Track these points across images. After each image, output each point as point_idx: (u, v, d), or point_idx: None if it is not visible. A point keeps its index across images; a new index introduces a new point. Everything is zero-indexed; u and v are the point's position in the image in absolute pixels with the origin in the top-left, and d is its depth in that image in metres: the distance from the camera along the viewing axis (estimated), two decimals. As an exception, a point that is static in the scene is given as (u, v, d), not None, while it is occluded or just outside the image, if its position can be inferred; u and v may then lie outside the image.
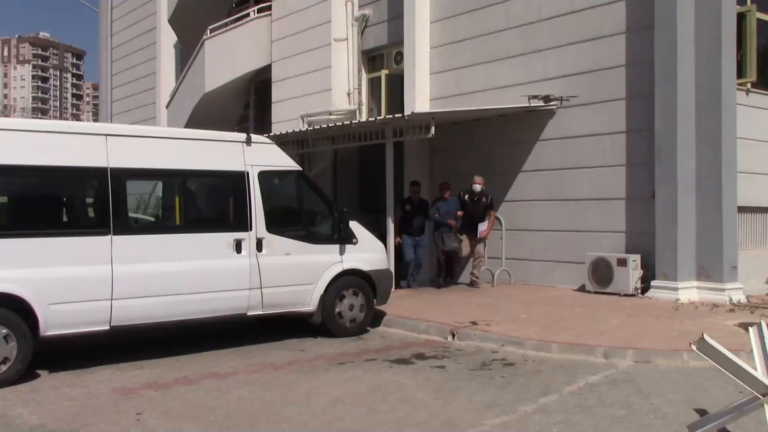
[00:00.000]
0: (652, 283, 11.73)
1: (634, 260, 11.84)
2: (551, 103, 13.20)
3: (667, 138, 11.52)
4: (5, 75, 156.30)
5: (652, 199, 11.81)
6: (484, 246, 13.88)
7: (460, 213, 13.49)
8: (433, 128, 12.64)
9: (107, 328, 7.94)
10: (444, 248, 13.48)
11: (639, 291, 11.84)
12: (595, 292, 12.19)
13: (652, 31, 11.72)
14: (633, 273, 11.81)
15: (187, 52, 22.49)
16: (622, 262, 11.88)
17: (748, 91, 12.50)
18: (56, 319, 7.55)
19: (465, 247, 13.74)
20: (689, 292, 11.39)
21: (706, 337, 4.96)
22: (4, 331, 7.23)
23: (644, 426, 5.76)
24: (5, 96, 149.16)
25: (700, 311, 10.48)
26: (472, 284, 13.77)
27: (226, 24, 20.25)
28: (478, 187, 13.44)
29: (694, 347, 5.01)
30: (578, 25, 12.90)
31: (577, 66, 12.93)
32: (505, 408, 6.26)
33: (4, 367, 7.19)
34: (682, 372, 7.46)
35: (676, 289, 11.35)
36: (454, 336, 9.38)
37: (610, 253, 12.16)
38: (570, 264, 12.89)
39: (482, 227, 13.67)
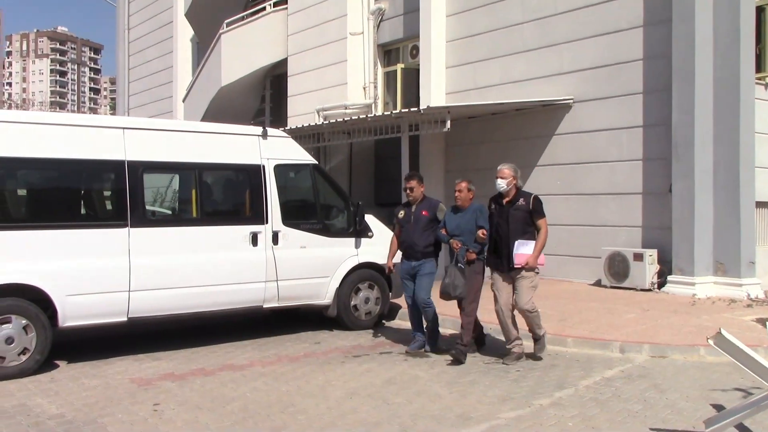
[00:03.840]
0: (669, 278, 11.67)
1: (651, 255, 11.79)
2: None
3: (685, 132, 11.44)
4: (24, 69, 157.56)
5: (669, 193, 11.74)
6: (532, 285, 7.64)
7: (481, 232, 7.66)
8: (448, 122, 12.64)
9: (125, 319, 8.02)
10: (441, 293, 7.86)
11: (655, 286, 11.78)
12: (611, 287, 12.15)
13: (670, 25, 11.63)
14: (649, 268, 11.76)
15: (203, 47, 22.61)
16: (639, 257, 11.82)
17: (766, 86, 12.41)
18: (74, 311, 7.63)
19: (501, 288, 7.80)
20: (706, 287, 11.32)
21: (723, 331, 4.93)
22: (24, 321, 7.32)
23: (660, 421, 5.73)
24: (24, 90, 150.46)
25: (717, 306, 10.42)
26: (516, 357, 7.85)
27: (243, 18, 20.33)
28: (502, 184, 7.68)
29: (710, 342, 4.98)
30: (595, 19, 12.83)
31: (594, 60, 12.86)
32: (521, 402, 6.26)
33: (23, 358, 7.29)
34: (699, 367, 7.42)
35: (692, 284, 11.29)
36: (469, 330, 9.30)
37: (627, 248, 12.12)
38: (586, 258, 12.85)
39: (521, 249, 7.56)
